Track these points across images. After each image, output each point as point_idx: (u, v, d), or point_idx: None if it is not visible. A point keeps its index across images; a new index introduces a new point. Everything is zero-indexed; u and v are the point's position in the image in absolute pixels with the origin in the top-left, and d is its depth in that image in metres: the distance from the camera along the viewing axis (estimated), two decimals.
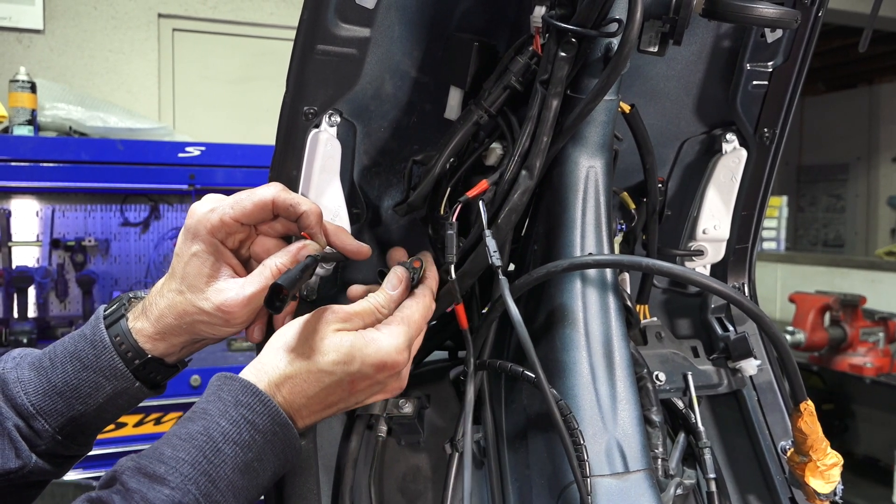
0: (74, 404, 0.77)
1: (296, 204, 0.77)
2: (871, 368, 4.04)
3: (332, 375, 0.70)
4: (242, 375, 0.70)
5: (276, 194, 0.77)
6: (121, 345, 0.78)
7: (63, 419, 0.77)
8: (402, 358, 0.73)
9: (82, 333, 0.79)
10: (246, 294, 0.75)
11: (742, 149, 1.03)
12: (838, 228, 9.11)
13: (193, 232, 0.76)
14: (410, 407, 0.90)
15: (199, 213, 0.77)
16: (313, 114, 0.85)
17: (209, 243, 0.76)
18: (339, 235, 0.81)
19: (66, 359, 0.78)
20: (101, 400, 0.77)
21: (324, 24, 0.80)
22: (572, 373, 0.82)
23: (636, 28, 0.71)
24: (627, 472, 0.78)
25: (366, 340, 0.71)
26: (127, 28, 4.40)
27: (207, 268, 0.76)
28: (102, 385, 0.77)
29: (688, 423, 1.01)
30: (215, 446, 0.65)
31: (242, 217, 0.77)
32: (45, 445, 0.77)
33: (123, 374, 0.77)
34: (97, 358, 0.77)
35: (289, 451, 0.70)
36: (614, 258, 0.87)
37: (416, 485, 0.95)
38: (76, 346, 0.78)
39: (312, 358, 0.70)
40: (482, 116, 0.85)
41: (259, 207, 0.77)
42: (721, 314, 1.10)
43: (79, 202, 3.45)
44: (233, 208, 0.76)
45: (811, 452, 0.81)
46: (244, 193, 0.77)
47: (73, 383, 0.77)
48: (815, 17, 0.94)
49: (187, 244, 0.77)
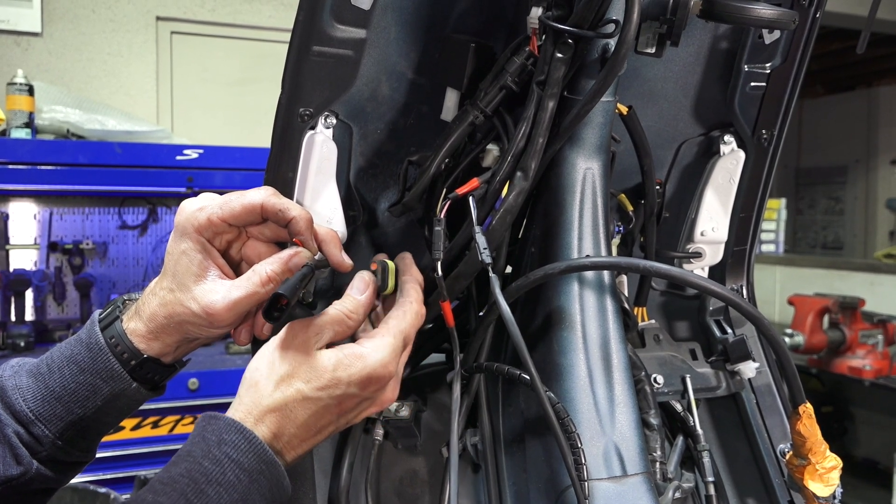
0: (73, 408, 0.76)
1: (285, 209, 0.76)
2: (870, 371, 4.04)
3: (319, 402, 0.69)
4: (228, 413, 0.69)
5: (266, 199, 0.76)
6: (116, 346, 0.77)
7: (63, 424, 0.76)
8: (388, 371, 0.72)
9: (78, 337, 0.79)
10: (232, 298, 0.74)
11: (740, 150, 1.03)
12: (837, 231, 9.11)
13: (182, 229, 0.76)
14: (407, 410, 0.89)
15: (188, 211, 0.76)
16: (309, 115, 0.85)
17: (197, 241, 0.76)
18: (328, 244, 0.80)
19: (63, 363, 0.77)
20: (100, 403, 0.77)
21: (319, 24, 0.80)
22: (570, 376, 0.81)
23: (633, 29, 0.71)
24: (625, 476, 0.77)
25: (350, 359, 0.70)
26: (125, 31, 4.40)
27: (195, 266, 0.75)
28: (100, 387, 0.77)
29: (686, 427, 1.01)
30: (198, 488, 0.63)
31: (230, 218, 0.76)
32: (47, 451, 0.76)
33: (120, 375, 0.77)
34: (93, 361, 0.76)
35: (276, 489, 0.68)
36: (612, 260, 0.87)
37: (413, 489, 0.94)
38: (72, 351, 0.78)
39: (296, 386, 0.69)
40: (478, 117, 0.85)
41: (247, 210, 0.76)
42: (719, 316, 1.10)
43: (76, 205, 3.44)
44: (221, 209, 0.76)
45: (810, 455, 0.81)
46: (235, 194, 0.77)
47: (70, 387, 0.76)
48: (813, 18, 0.94)
49: (176, 242, 0.76)
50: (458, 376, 0.87)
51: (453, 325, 0.84)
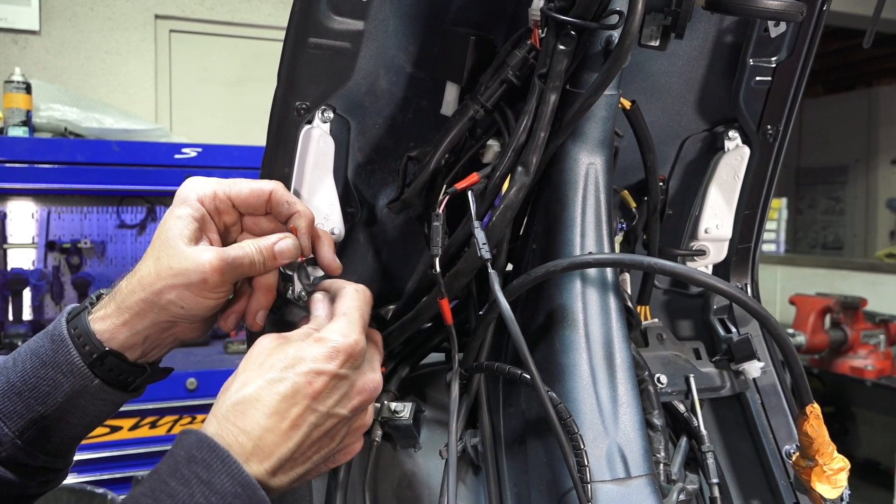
0: (33, 405, 0.73)
1: (292, 202, 0.76)
2: (871, 371, 4.02)
3: (283, 382, 0.64)
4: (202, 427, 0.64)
5: (275, 188, 0.76)
6: (79, 338, 0.73)
7: (23, 421, 0.73)
8: (351, 341, 0.67)
9: (46, 330, 0.76)
10: (230, 255, 0.71)
11: (745, 146, 1.01)
12: (837, 231, 9.09)
13: (183, 198, 0.74)
14: (406, 410, 0.88)
15: (193, 183, 0.75)
16: (305, 109, 0.83)
17: (196, 209, 0.74)
18: (322, 245, 0.79)
19: (27, 356, 0.74)
20: (61, 399, 0.73)
21: (316, 16, 0.78)
22: (572, 375, 0.80)
23: (638, 19, 0.69)
24: (629, 478, 0.76)
25: (307, 342, 0.67)
26: (123, 29, 4.38)
27: (189, 231, 0.72)
28: (60, 382, 0.73)
29: (690, 427, 0.99)
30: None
31: (236, 198, 0.75)
32: (6, 451, 0.73)
33: (80, 369, 0.73)
34: (55, 353, 0.73)
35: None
36: (615, 257, 0.85)
37: (412, 490, 0.93)
38: (37, 344, 0.75)
39: (263, 376, 0.65)
40: (478, 111, 0.83)
41: (255, 195, 0.76)
42: (723, 315, 1.08)
43: (74, 204, 3.42)
44: (230, 187, 0.75)
45: (817, 456, 0.79)
46: (244, 180, 0.76)
47: (31, 382, 0.73)
48: (820, 11, 0.92)
49: (173, 209, 0.74)
50: (457, 376, 0.86)
51: (452, 324, 0.82)
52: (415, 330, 0.92)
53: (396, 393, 0.93)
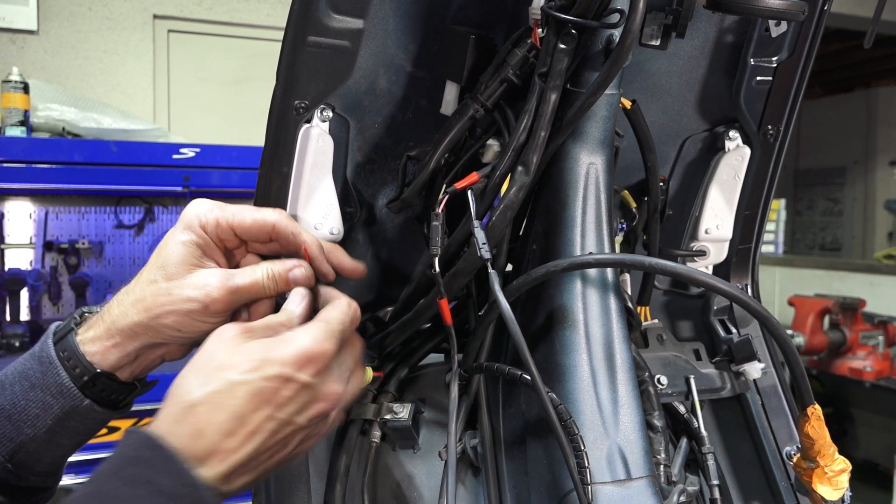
0: (23, 428, 0.71)
1: (297, 233, 0.75)
2: (870, 372, 4.02)
3: (250, 385, 0.61)
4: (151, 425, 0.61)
5: (279, 220, 0.74)
6: (68, 360, 0.72)
7: (13, 445, 0.71)
8: (323, 349, 0.64)
9: (32, 352, 0.74)
10: (235, 283, 0.71)
11: (745, 146, 1.01)
12: (835, 232, 9.10)
13: (187, 223, 0.73)
14: (405, 411, 0.87)
15: (197, 208, 0.74)
16: (304, 108, 0.83)
17: (200, 236, 0.73)
18: (335, 253, 0.78)
19: (15, 379, 0.73)
20: (50, 421, 0.72)
21: (315, 14, 0.78)
22: (572, 376, 0.79)
23: (639, 18, 0.69)
24: (629, 479, 0.75)
25: (278, 341, 0.64)
26: (122, 29, 4.37)
27: (193, 257, 0.72)
28: (50, 404, 0.71)
29: (690, 428, 0.99)
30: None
31: (239, 228, 0.74)
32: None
33: (70, 391, 0.72)
34: (44, 375, 0.72)
35: None
36: (616, 257, 0.85)
37: (411, 492, 0.92)
38: (25, 366, 0.73)
39: (224, 376, 0.61)
40: (478, 111, 0.83)
41: (258, 226, 0.74)
42: (724, 316, 1.08)
43: (72, 204, 3.41)
44: (233, 216, 0.73)
45: (819, 458, 0.79)
46: (248, 207, 0.75)
47: (20, 405, 0.71)
48: (822, 10, 0.92)
49: (175, 234, 0.73)
50: (457, 376, 0.85)
51: (451, 324, 0.82)
52: (414, 330, 0.92)
53: (395, 394, 0.93)
